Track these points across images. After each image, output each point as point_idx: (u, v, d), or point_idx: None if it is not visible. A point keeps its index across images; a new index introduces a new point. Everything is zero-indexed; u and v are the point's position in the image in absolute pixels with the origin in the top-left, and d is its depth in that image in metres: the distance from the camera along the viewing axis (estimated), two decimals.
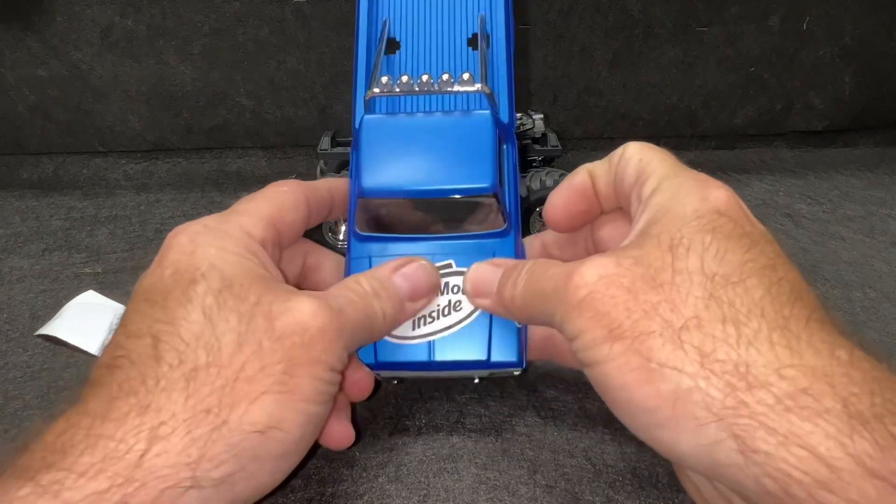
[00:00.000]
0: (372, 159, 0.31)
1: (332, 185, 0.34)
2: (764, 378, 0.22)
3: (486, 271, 0.30)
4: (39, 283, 0.46)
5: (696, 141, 0.68)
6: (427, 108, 0.34)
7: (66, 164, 0.63)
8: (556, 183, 0.44)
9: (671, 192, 0.27)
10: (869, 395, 0.21)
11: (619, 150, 0.31)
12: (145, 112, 0.62)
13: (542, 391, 0.35)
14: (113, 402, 0.23)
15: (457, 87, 0.32)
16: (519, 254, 0.32)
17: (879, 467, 0.20)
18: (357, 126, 0.33)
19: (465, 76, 0.32)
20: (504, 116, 0.34)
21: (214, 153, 0.65)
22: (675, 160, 0.30)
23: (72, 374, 0.38)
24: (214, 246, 0.27)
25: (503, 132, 0.33)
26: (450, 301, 0.31)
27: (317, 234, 0.47)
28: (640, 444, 0.32)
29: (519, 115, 0.49)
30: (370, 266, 0.31)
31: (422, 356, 0.30)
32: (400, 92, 0.32)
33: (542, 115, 0.50)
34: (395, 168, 0.31)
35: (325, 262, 0.34)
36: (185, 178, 0.61)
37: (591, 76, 0.64)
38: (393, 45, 0.36)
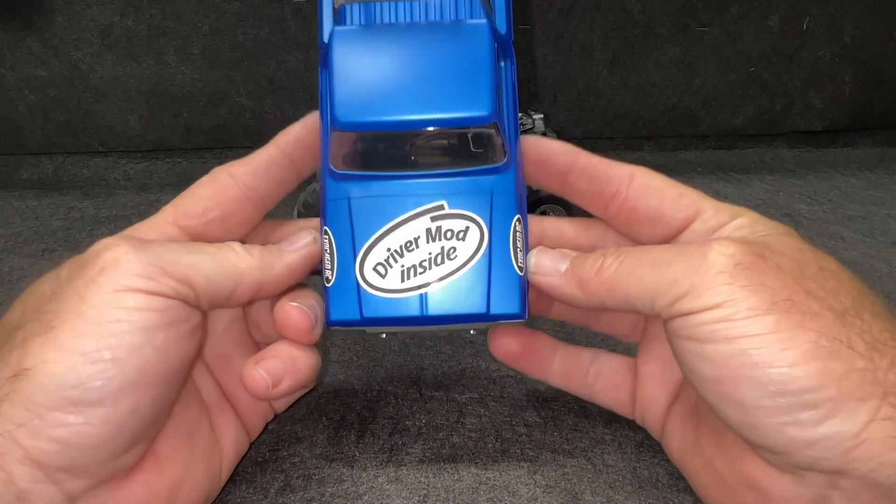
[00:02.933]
0: (347, 83, 0.27)
1: (283, 143, 0.29)
2: None
3: (554, 255, 0.29)
4: None
5: (696, 141, 0.68)
6: (409, 17, 0.29)
7: (66, 164, 0.63)
8: None
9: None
10: None
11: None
12: (145, 112, 0.62)
13: (542, 391, 0.35)
14: None
15: None
16: (520, 191, 0.29)
17: None
18: (326, 40, 0.28)
19: None
20: (502, 26, 0.29)
21: (214, 153, 0.65)
22: None
23: None
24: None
25: (501, 46, 0.28)
26: (443, 248, 0.27)
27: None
28: (641, 444, 0.32)
29: (519, 114, 0.49)
30: (349, 209, 0.28)
31: (413, 310, 0.27)
32: None
33: (542, 115, 0.50)
34: (374, 94, 0.26)
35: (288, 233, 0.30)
36: (185, 178, 0.61)
37: (591, 76, 0.64)
38: None
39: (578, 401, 0.34)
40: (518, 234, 0.28)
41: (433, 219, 0.28)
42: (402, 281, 0.27)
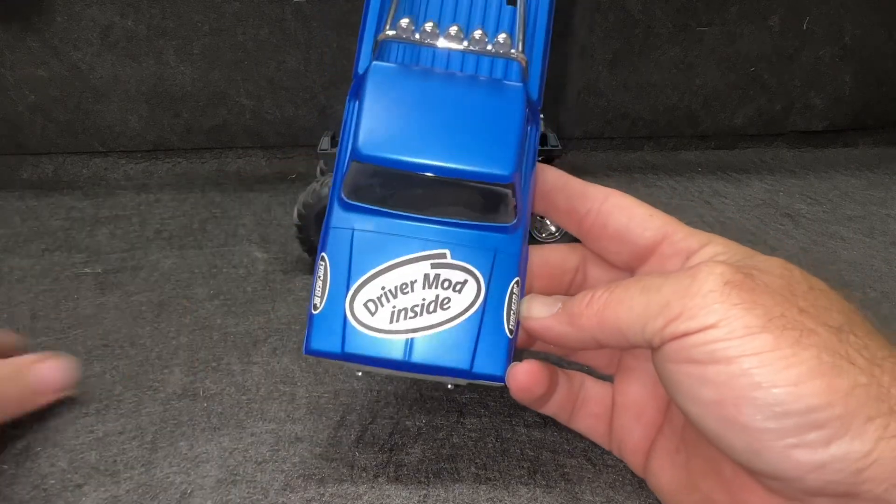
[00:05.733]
0: (374, 117, 0.27)
1: None
2: None
3: (545, 299, 0.29)
4: (39, 283, 0.46)
5: (696, 141, 0.68)
6: (447, 65, 0.29)
7: (66, 164, 0.63)
8: None
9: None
10: None
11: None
12: (145, 112, 0.62)
13: None
14: None
15: (490, 48, 0.27)
16: (524, 254, 0.29)
17: None
18: (360, 72, 0.29)
19: (502, 38, 0.27)
20: (533, 92, 0.30)
21: (214, 153, 0.65)
22: None
23: None
24: None
25: (531, 111, 0.29)
26: (438, 297, 0.27)
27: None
28: None
29: None
30: (351, 240, 0.28)
31: (396, 354, 0.27)
32: (420, 40, 0.27)
33: (541, 116, 0.50)
34: (399, 132, 0.27)
35: None
36: (185, 179, 0.61)
37: (591, 76, 0.64)
38: None
39: None
40: (514, 296, 0.28)
41: (433, 265, 0.28)
42: (391, 322, 0.27)
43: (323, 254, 0.28)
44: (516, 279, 0.28)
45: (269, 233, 0.52)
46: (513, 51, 0.27)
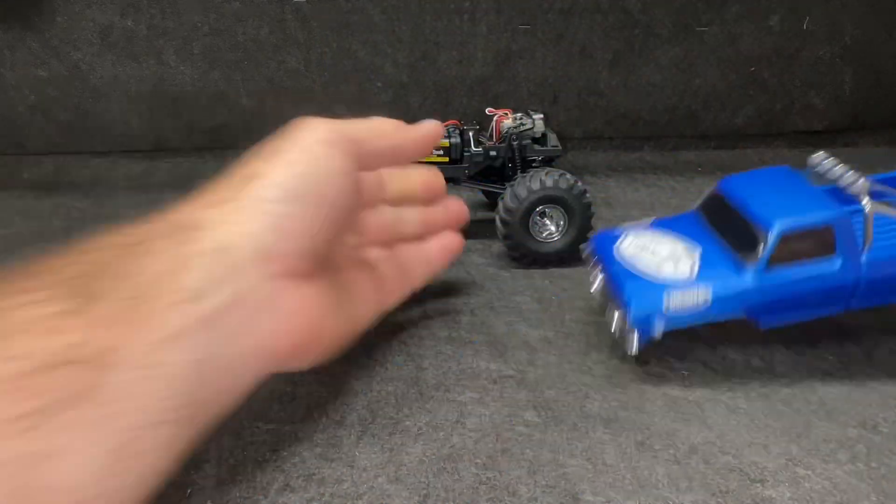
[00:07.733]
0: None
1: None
2: None
3: None
4: None
5: (696, 141, 0.68)
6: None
7: (66, 164, 0.63)
8: (556, 183, 0.44)
9: None
10: None
11: None
12: (145, 112, 0.62)
13: (542, 391, 0.35)
14: None
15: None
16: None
17: None
18: None
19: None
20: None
21: (215, 153, 0.65)
22: None
23: None
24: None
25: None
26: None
27: None
28: (641, 444, 0.32)
29: (519, 114, 0.49)
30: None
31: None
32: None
33: (542, 115, 0.50)
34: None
35: None
36: (186, 179, 0.61)
37: (591, 76, 0.64)
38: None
39: (578, 401, 0.34)
40: None
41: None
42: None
43: None
44: None
45: None
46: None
